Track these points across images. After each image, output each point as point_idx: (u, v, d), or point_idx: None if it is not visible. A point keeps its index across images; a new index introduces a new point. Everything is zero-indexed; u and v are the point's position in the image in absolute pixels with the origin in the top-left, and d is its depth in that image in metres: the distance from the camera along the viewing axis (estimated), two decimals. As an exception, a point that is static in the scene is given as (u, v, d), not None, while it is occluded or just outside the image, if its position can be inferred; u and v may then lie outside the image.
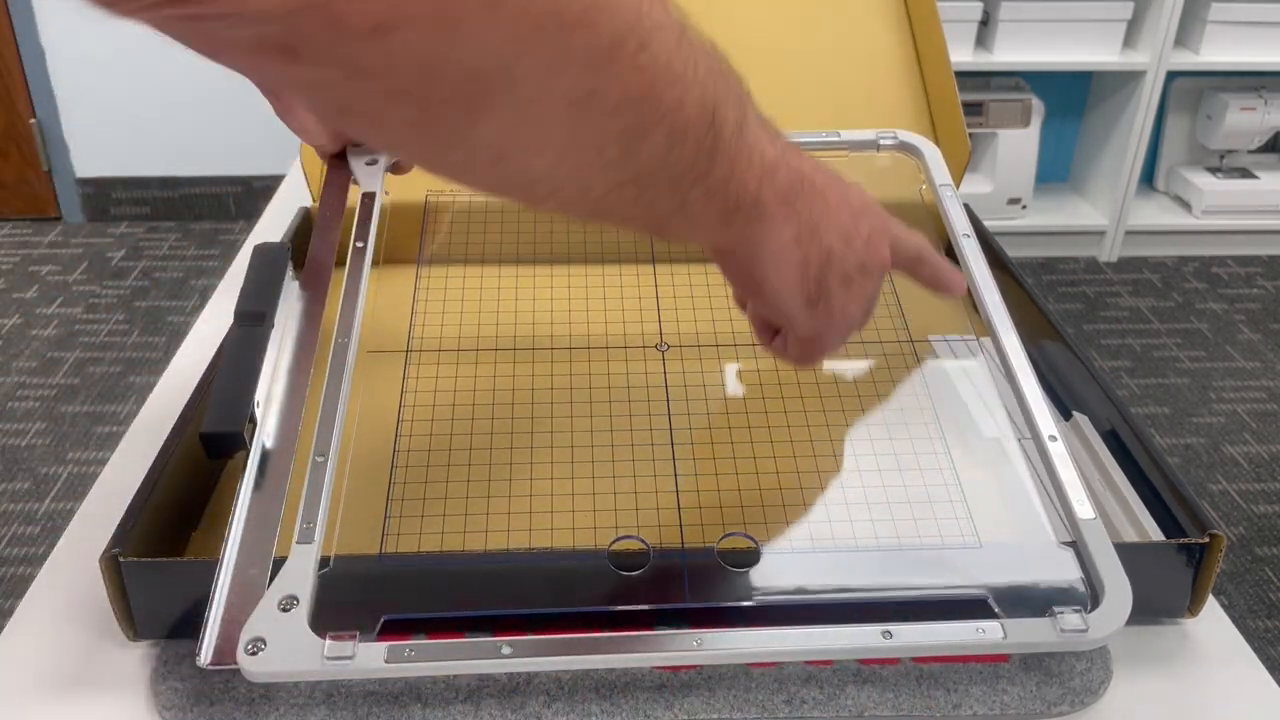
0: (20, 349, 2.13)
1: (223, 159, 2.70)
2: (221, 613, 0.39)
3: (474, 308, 0.61)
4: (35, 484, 1.76)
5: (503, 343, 0.60)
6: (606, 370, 0.58)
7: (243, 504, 0.42)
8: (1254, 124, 2.46)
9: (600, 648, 0.39)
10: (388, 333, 0.58)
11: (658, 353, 0.59)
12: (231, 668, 0.38)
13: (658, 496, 0.49)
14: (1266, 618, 1.53)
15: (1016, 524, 0.49)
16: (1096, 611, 0.40)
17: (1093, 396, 0.55)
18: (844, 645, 0.40)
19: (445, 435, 0.53)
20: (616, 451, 0.52)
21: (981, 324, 0.68)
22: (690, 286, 0.65)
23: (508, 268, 0.66)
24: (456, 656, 0.39)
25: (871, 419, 0.56)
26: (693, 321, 0.61)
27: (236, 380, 0.48)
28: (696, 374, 0.58)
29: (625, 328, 0.58)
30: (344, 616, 0.39)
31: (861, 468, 0.52)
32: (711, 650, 0.39)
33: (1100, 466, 0.52)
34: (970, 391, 0.57)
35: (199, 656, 0.38)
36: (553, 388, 0.57)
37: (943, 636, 0.40)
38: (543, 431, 0.54)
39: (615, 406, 0.57)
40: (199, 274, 2.46)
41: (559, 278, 0.65)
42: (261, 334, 0.51)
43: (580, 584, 0.44)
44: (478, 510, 0.49)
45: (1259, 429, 1.95)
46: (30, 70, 2.57)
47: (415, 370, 0.56)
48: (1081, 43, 2.37)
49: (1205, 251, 2.60)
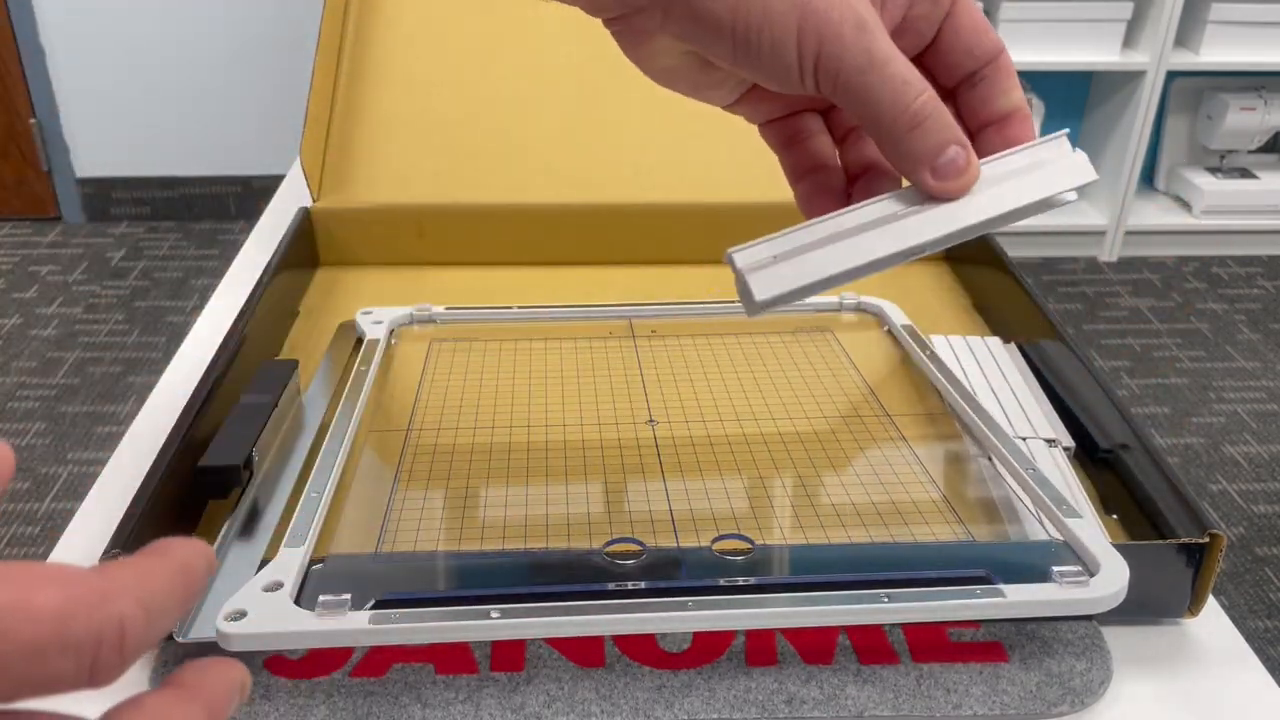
0: (20, 349, 2.13)
1: (223, 159, 2.70)
2: (205, 591, 0.40)
3: (477, 389, 0.61)
4: (35, 484, 1.76)
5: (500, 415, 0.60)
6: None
7: (238, 513, 0.42)
8: (1254, 124, 2.46)
9: (592, 612, 0.39)
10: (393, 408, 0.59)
11: (647, 425, 0.59)
12: (209, 639, 0.38)
13: (650, 508, 0.50)
14: (1266, 618, 1.53)
15: (1011, 524, 0.49)
16: (1095, 579, 0.41)
17: (1093, 396, 0.55)
18: (844, 611, 0.40)
19: (447, 455, 0.54)
20: (607, 464, 0.53)
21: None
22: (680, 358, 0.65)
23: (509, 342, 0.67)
24: (444, 619, 0.39)
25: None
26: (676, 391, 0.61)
27: (240, 422, 0.51)
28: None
29: (615, 402, 0.58)
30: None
31: (858, 471, 0.52)
32: (703, 613, 0.40)
33: (1099, 466, 0.52)
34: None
35: (175, 631, 0.38)
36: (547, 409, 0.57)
37: (944, 600, 0.40)
38: (538, 450, 0.54)
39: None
40: (199, 274, 2.46)
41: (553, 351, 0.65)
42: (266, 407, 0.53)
43: (575, 574, 0.44)
44: (473, 522, 0.49)
45: (1259, 429, 1.95)
46: (30, 70, 2.57)
47: (415, 438, 0.57)
48: (1081, 43, 2.37)
49: (1205, 251, 2.60)
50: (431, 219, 0.75)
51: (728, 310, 0.68)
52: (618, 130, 0.78)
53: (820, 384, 0.60)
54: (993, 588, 0.41)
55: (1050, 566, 0.41)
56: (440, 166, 0.77)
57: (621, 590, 0.42)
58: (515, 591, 0.42)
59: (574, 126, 0.79)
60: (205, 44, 2.57)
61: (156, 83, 2.60)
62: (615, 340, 0.64)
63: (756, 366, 0.61)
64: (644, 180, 0.76)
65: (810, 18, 0.33)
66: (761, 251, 0.35)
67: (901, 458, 0.53)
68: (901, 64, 0.34)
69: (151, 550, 0.22)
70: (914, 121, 0.34)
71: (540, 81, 0.80)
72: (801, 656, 0.43)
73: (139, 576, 0.21)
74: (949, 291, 0.73)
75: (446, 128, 0.78)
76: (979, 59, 0.37)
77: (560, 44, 0.80)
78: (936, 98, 0.34)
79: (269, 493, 0.48)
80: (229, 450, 0.48)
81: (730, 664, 0.42)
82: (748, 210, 0.73)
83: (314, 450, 0.51)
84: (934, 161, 0.35)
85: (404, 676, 0.42)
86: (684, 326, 0.66)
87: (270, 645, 0.41)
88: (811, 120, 0.40)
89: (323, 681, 0.42)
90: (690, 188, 0.75)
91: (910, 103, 0.34)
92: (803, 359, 0.62)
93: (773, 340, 0.64)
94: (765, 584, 0.43)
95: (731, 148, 0.75)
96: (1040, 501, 0.47)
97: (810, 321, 0.67)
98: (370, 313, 0.65)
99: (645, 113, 0.78)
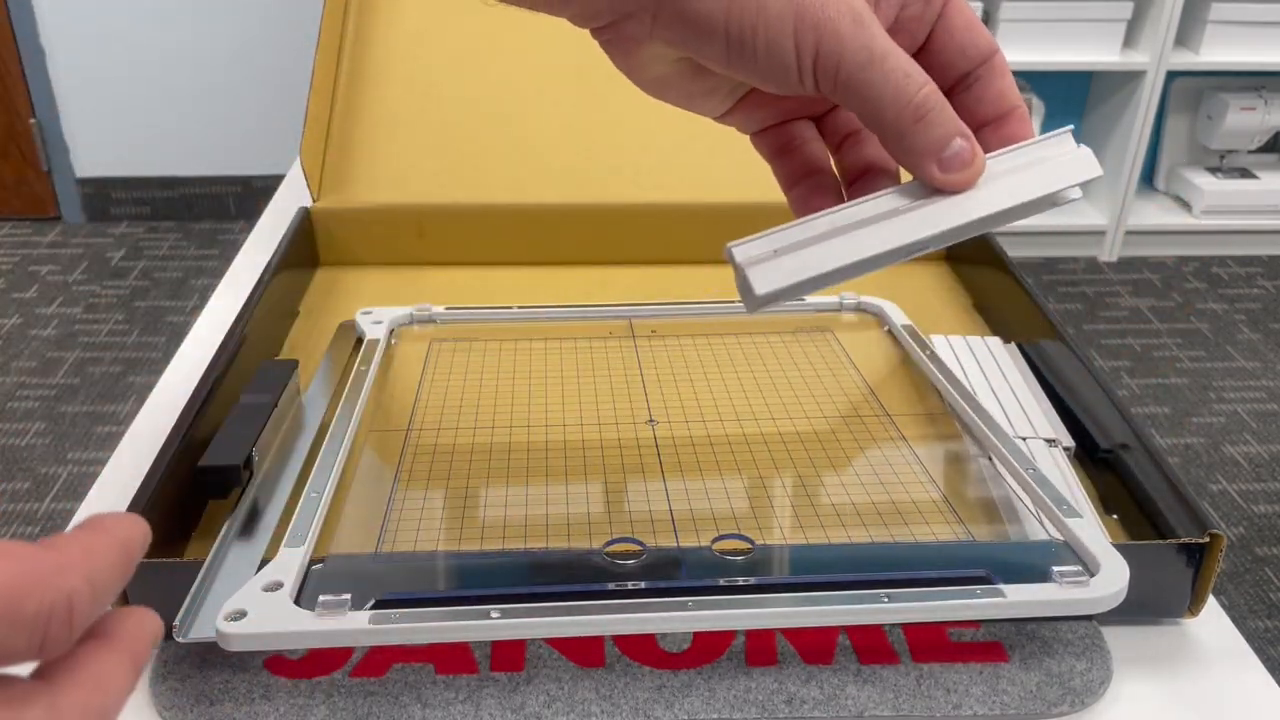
0: (20, 349, 2.13)
1: (223, 159, 2.70)
2: (206, 592, 0.40)
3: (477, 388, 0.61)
4: (35, 484, 1.76)
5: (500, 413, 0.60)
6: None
7: (238, 513, 0.42)
8: (1254, 124, 2.46)
9: (592, 611, 0.39)
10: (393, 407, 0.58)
11: (647, 424, 0.59)
12: (209, 639, 0.38)
13: (650, 508, 0.50)
14: (1266, 618, 1.53)
15: (1011, 524, 0.49)
16: (1095, 579, 0.41)
17: (1093, 396, 0.55)
18: (844, 611, 0.40)
19: (447, 456, 0.54)
20: (607, 464, 0.53)
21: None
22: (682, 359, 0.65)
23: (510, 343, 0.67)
24: (444, 619, 0.39)
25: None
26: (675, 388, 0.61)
27: (240, 421, 0.50)
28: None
29: (615, 403, 0.58)
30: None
31: (858, 471, 0.52)
32: (703, 613, 0.39)
33: (1099, 466, 0.52)
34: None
35: (176, 631, 0.38)
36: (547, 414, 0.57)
37: (944, 600, 0.40)
38: (538, 450, 0.54)
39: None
40: (199, 274, 2.46)
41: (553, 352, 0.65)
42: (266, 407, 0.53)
43: (575, 573, 0.44)
44: (473, 522, 0.49)
45: (1259, 429, 1.95)
46: (30, 70, 2.57)
47: (416, 437, 0.56)
48: (1081, 43, 2.37)
49: (1205, 251, 2.60)
50: (431, 219, 0.75)
51: (728, 310, 0.68)
52: (618, 130, 0.78)
53: (820, 384, 0.60)
54: (993, 588, 0.41)
55: (1050, 566, 0.41)
56: (440, 166, 0.77)
57: (621, 590, 0.42)
58: (515, 591, 0.42)
59: (574, 126, 0.78)
60: (205, 44, 2.57)
61: (156, 83, 2.60)
62: (615, 340, 0.64)
63: (756, 366, 0.61)
64: (644, 180, 0.76)
65: (806, 15, 0.33)
66: (761, 246, 0.35)
67: (901, 458, 0.53)
68: (901, 58, 0.34)
69: (93, 526, 0.23)
70: (918, 114, 0.34)
71: (540, 81, 0.80)
72: (801, 656, 0.43)
73: (85, 553, 0.22)
74: (949, 291, 0.73)
75: (446, 128, 0.78)
76: (973, 59, 0.36)
77: (560, 44, 0.80)
78: (938, 90, 0.34)
79: (269, 493, 0.48)
80: (229, 450, 0.48)
81: (730, 664, 0.43)
82: (748, 210, 0.73)
83: (314, 450, 0.51)
84: (940, 154, 0.34)
85: (404, 676, 0.42)
86: (684, 326, 0.66)
87: (270, 645, 0.41)
88: (804, 128, 0.40)
89: (323, 681, 0.42)
90: (690, 188, 0.75)
91: (913, 95, 0.34)
92: (803, 359, 0.62)
93: (773, 340, 0.64)
94: (765, 584, 0.43)
95: (731, 148, 0.74)
96: (1040, 501, 0.47)
97: (810, 321, 0.67)
98: (370, 313, 0.65)
99: (645, 113, 0.78)
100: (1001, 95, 0.37)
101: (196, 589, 0.41)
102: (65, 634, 0.20)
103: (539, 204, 0.75)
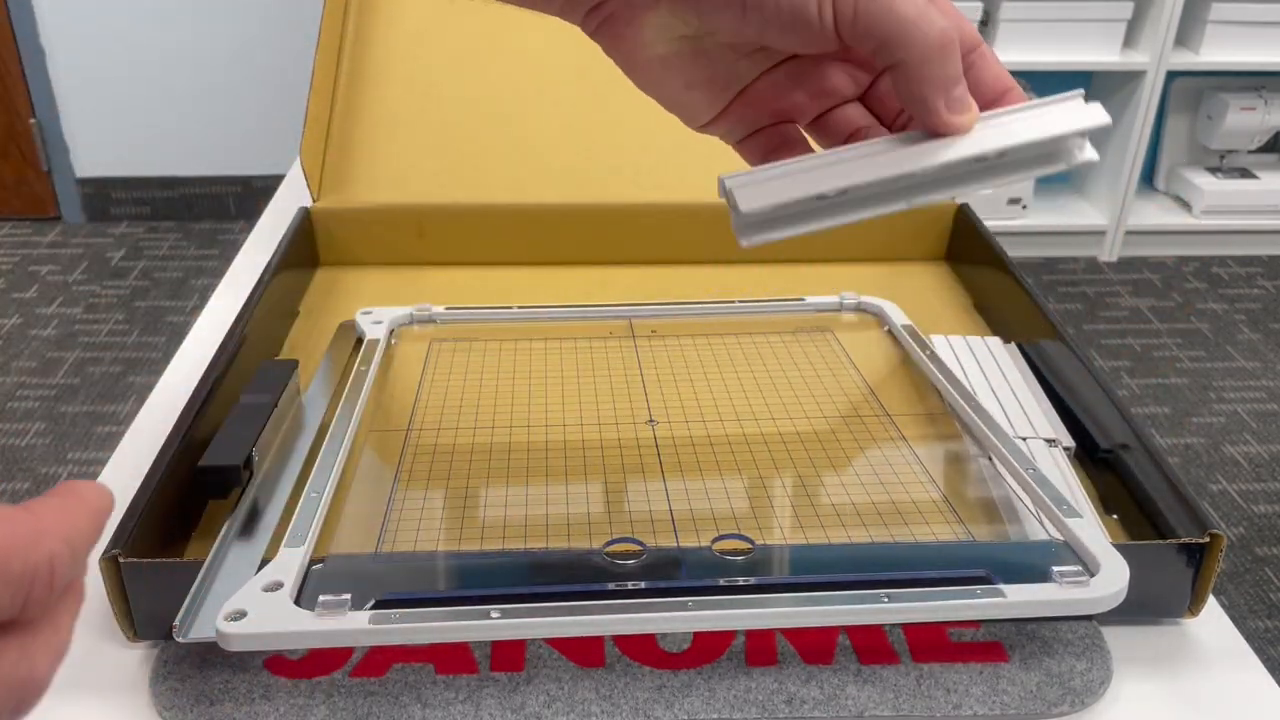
0: (20, 349, 2.13)
1: (223, 159, 2.70)
2: (206, 592, 0.40)
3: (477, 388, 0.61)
4: (35, 484, 1.76)
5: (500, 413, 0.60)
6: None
7: (238, 513, 0.42)
8: (1254, 124, 2.46)
9: (592, 611, 0.39)
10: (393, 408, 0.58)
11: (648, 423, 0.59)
12: (209, 639, 0.38)
13: (650, 508, 0.50)
14: (1266, 618, 1.53)
15: (1011, 524, 0.49)
16: (1095, 579, 0.41)
17: (1093, 396, 0.55)
18: (844, 611, 0.40)
19: (447, 456, 0.54)
20: (607, 464, 0.53)
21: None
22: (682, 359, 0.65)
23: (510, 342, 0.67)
24: (444, 619, 0.39)
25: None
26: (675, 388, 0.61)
27: (240, 421, 0.50)
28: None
29: (615, 402, 0.58)
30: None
31: (858, 471, 0.52)
32: (704, 613, 0.39)
33: (1099, 466, 0.52)
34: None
35: (176, 631, 0.38)
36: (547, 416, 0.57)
37: (944, 600, 0.40)
38: (538, 450, 0.54)
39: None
40: (199, 274, 2.46)
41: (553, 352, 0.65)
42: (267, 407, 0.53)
43: (575, 574, 0.44)
44: (473, 522, 0.49)
45: (1259, 429, 1.95)
46: (30, 70, 2.57)
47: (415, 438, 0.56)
48: (1081, 43, 2.37)
49: (1205, 251, 2.60)
50: (431, 219, 0.75)
51: (728, 310, 0.68)
52: (618, 130, 0.78)
53: (820, 384, 0.60)
54: (993, 588, 0.41)
55: (1050, 566, 0.41)
56: (440, 166, 0.77)
57: (621, 590, 0.42)
58: (515, 591, 0.42)
59: (574, 126, 0.78)
60: (205, 44, 2.57)
61: (156, 83, 2.60)
62: (615, 340, 0.64)
63: (756, 366, 0.61)
64: (644, 180, 0.76)
65: None
66: (754, 175, 0.36)
67: (901, 458, 0.53)
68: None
69: (66, 491, 0.24)
70: (942, 41, 0.34)
71: (540, 81, 0.80)
72: (801, 656, 0.43)
73: (64, 516, 0.23)
74: (949, 291, 0.73)
75: (446, 128, 0.78)
76: (962, 48, 0.37)
77: (560, 44, 0.80)
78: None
79: (269, 493, 0.48)
80: (229, 450, 0.48)
81: (730, 664, 0.42)
82: (748, 210, 0.73)
83: (314, 450, 0.51)
84: (950, 91, 0.35)
85: (404, 676, 0.42)
86: (684, 326, 0.66)
87: (270, 645, 0.41)
88: (791, 130, 0.41)
89: (323, 681, 0.42)
90: (690, 188, 0.75)
91: (935, 23, 0.34)
92: (803, 359, 0.62)
93: (773, 340, 0.64)
94: (765, 584, 0.43)
95: (731, 148, 0.75)
96: (1040, 501, 0.47)
97: (810, 321, 0.67)
98: (370, 313, 0.65)
99: (645, 113, 0.78)
100: (997, 77, 0.38)
101: (196, 589, 0.41)
102: (46, 594, 0.22)
103: (539, 204, 0.75)
